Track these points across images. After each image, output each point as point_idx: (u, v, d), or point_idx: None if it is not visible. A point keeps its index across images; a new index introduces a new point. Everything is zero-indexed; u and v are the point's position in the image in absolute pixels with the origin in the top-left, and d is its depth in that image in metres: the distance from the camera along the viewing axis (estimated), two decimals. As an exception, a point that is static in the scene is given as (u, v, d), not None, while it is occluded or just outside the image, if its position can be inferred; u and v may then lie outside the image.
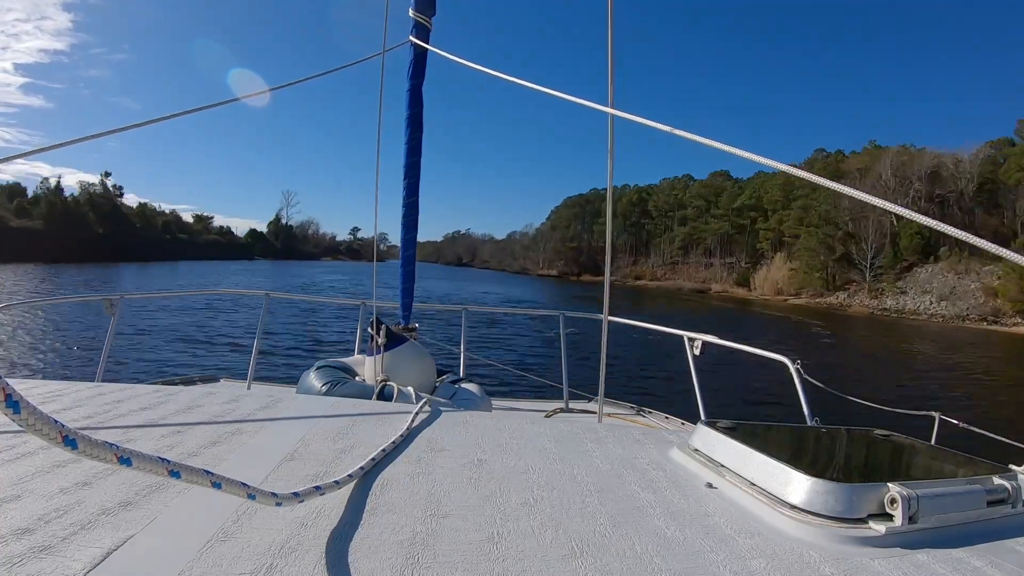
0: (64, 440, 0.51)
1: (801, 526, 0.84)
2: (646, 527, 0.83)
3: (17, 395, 0.48)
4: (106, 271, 46.41)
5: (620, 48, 16.53)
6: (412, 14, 3.24)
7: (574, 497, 0.93)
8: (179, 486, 0.85)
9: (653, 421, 3.80)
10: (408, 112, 3.36)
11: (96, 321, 14.62)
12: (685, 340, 3.26)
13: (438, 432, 1.28)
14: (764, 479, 0.94)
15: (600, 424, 1.64)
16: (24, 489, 0.83)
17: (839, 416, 2.23)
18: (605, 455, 1.18)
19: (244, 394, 1.53)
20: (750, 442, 1.03)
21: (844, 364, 19.35)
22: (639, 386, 11.37)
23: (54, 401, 1.36)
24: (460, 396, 2.90)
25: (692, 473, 1.09)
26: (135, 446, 0.66)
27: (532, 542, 0.76)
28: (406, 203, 3.41)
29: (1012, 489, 0.92)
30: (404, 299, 3.50)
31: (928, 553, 0.80)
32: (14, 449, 0.98)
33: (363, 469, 0.96)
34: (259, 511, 0.79)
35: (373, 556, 0.70)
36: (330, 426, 1.27)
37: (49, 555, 0.65)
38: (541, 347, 14.60)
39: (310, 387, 2.72)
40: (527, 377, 5.63)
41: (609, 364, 2.23)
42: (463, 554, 0.72)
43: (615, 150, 2.00)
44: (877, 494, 0.85)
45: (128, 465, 0.56)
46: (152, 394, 1.46)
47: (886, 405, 3.09)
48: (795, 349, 13.08)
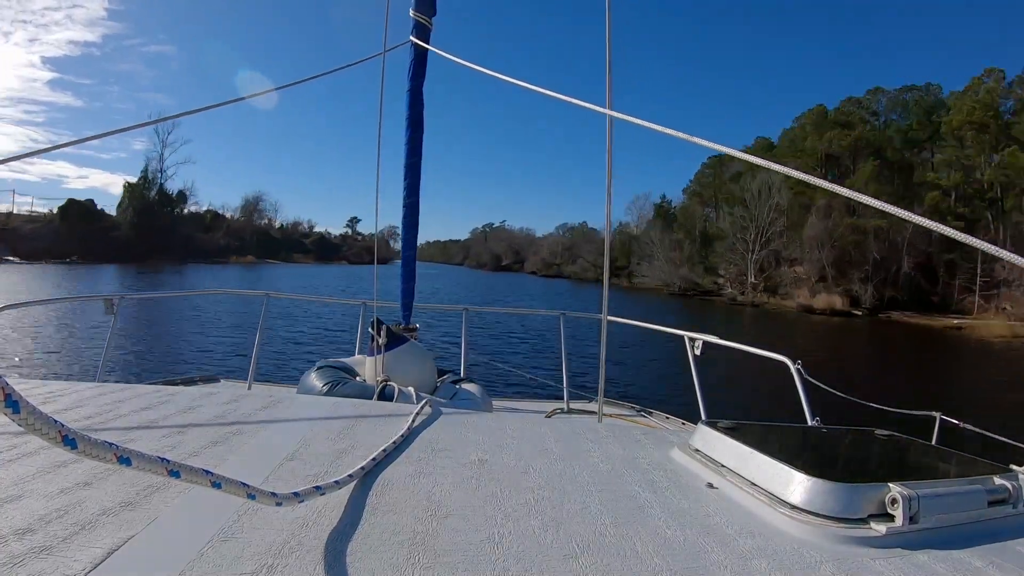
0: (64, 440, 0.51)
1: (802, 526, 0.83)
2: (647, 527, 0.83)
3: (17, 395, 0.48)
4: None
5: (638, 40, 15.88)
6: (412, 14, 3.24)
7: (575, 497, 0.93)
8: (180, 486, 0.85)
9: (654, 421, 3.79)
10: (408, 112, 3.36)
11: (96, 321, 14.62)
12: (686, 340, 3.27)
13: (439, 432, 1.28)
14: (765, 479, 0.94)
15: (600, 424, 1.64)
16: (25, 489, 0.83)
17: (840, 416, 2.23)
18: (605, 455, 1.18)
19: (244, 394, 1.53)
20: (751, 442, 1.03)
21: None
22: (639, 386, 11.37)
23: (54, 401, 1.36)
24: (461, 396, 2.90)
25: (693, 473, 1.09)
26: (135, 446, 0.66)
27: (532, 542, 0.76)
28: (406, 203, 3.42)
29: (1013, 489, 0.92)
30: (404, 299, 3.51)
31: (929, 553, 0.79)
32: (15, 449, 0.98)
33: (363, 469, 0.96)
34: (259, 511, 0.79)
35: (374, 556, 0.70)
36: (330, 426, 1.27)
37: (50, 555, 0.65)
38: (541, 347, 14.58)
39: (311, 387, 2.72)
40: (527, 377, 5.63)
41: (609, 364, 2.23)
42: (463, 554, 0.72)
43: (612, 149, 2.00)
44: (878, 494, 0.85)
45: (128, 465, 0.56)
46: (152, 394, 1.46)
47: (887, 405, 3.09)
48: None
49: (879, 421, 1.65)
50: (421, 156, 3.41)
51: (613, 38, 1.95)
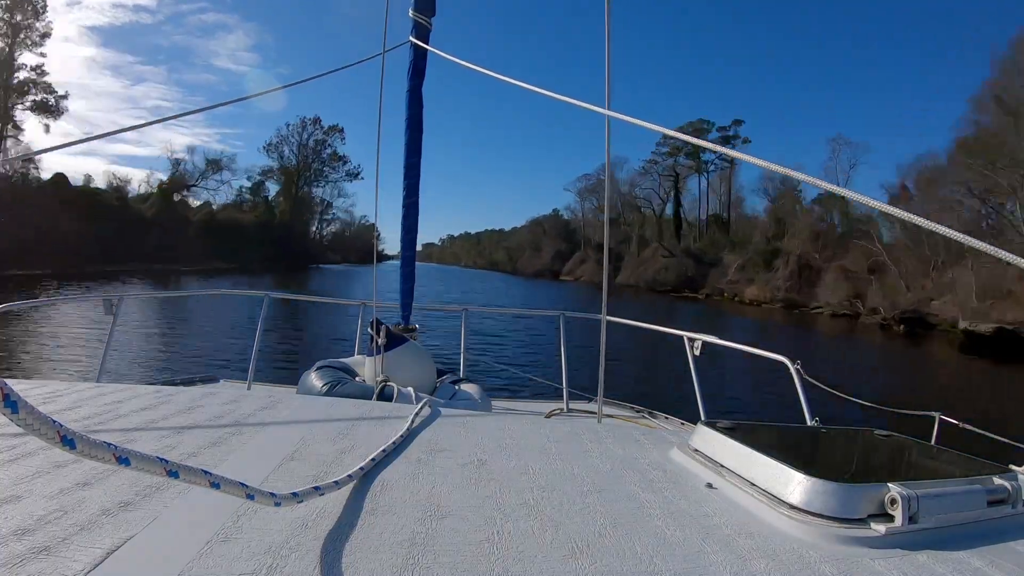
0: (63, 440, 0.51)
1: (801, 526, 0.83)
2: (646, 527, 0.83)
3: (15, 395, 0.48)
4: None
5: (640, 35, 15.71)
6: (412, 15, 3.24)
7: (574, 497, 0.93)
8: (179, 487, 0.84)
9: (653, 421, 3.79)
10: (408, 113, 3.37)
11: (96, 321, 14.60)
12: (685, 340, 3.27)
13: (438, 433, 1.28)
14: (764, 479, 0.94)
15: (600, 424, 1.64)
16: (24, 489, 0.83)
17: (839, 416, 2.23)
18: (605, 455, 1.18)
19: (244, 394, 1.53)
20: (750, 442, 1.03)
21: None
22: (639, 386, 11.37)
23: (54, 401, 1.36)
24: (460, 396, 2.90)
25: (692, 473, 1.09)
26: (135, 446, 0.66)
27: (532, 543, 0.76)
28: (406, 204, 3.42)
29: (1012, 489, 0.92)
30: (404, 299, 3.51)
31: (928, 553, 0.79)
32: (14, 450, 0.98)
33: (363, 470, 0.96)
34: (259, 511, 0.79)
35: (373, 557, 0.70)
36: (330, 426, 1.27)
37: (49, 555, 0.65)
38: (541, 347, 14.57)
39: (310, 387, 2.72)
40: (527, 377, 5.62)
41: (608, 364, 2.23)
42: (463, 554, 0.72)
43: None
44: (877, 494, 0.85)
45: (127, 465, 0.56)
46: (152, 394, 1.46)
47: (886, 405, 3.09)
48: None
49: (879, 421, 1.65)
50: (420, 156, 3.42)
51: (613, 39, 1.95)
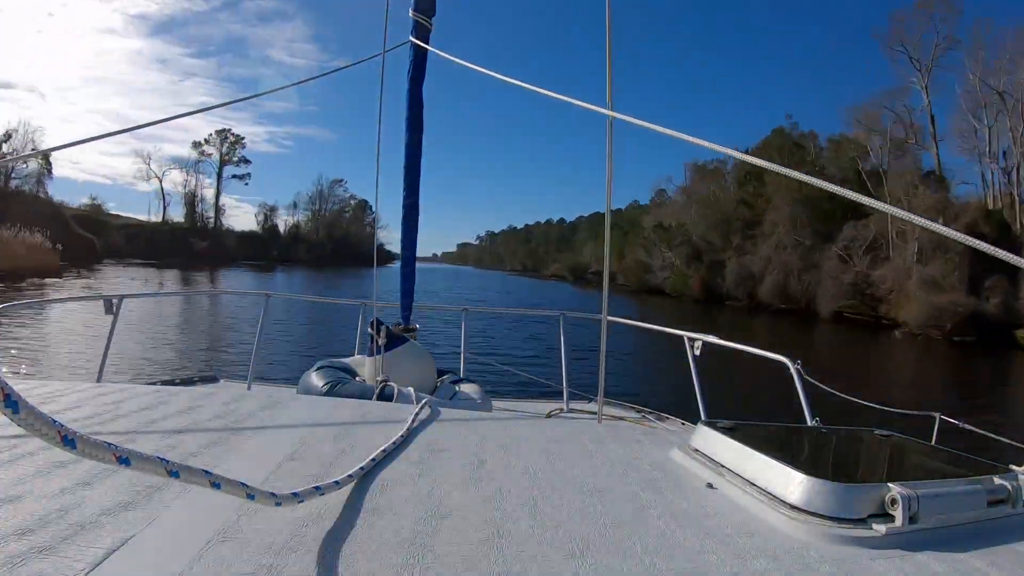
0: (63, 440, 0.51)
1: (801, 526, 0.83)
2: (646, 527, 0.83)
3: (16, 395, 0.48)
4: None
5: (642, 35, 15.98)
6: (412, 14, 3.24)
7: (574, 497, 0.93)
8: (179, 487, 0.84)
9: (653, 421, 3.79)
10: (408, 113, 3.37)
11: (96, 321, 14.59)
12: (685, 340, 3.26)
13: (438, 433, 1.28)
14: (764, 479, 0.94)
15: (600, 424, 1.65)
16: (24, 489, 0.83)
17: (839, 416, 2.23)
18: (605, 455, 1.18)
19: (244, 394, 1.53)
20: (750, 442, 1.03)
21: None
22: (639, 386, 11.35)
23: (54, 401, 1.36)
24: (460, 396, 2.91)
25: (692, 473, 1.09)
26: (135, 446, 0.66)
27: (532, 543, 0.76)
28: (406, 204, 3.42)
29: (1012, 489, 0.92)
30: (404, 299, 3.51)
31: (928, 554, 0.79)
32: (14, 449, 0.98)
33: (363, 469, 0.96)
34: (259, 511, 0.79)
35: (373, 557, 0.70)
36: (330, 426, 1.27)
37: (49, 555, 0.65)
38: (541, 347, 14.57)
39: (310, 387, 2.72)
40: (527, 378, 5.62)
41: (609, 364, 2.23)
42: (463, 554, 0.72)
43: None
44: (877, 494, 0.85)
45: (127, 465, 0.56)
46: (152, 394, 1.46)
47: (887, 405, 3.09)
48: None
49: (879, 421, 1.65)
50: (421, 156, 3.42)
51: (613, 38, 1.95)
